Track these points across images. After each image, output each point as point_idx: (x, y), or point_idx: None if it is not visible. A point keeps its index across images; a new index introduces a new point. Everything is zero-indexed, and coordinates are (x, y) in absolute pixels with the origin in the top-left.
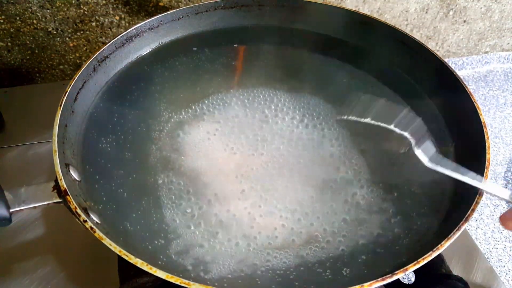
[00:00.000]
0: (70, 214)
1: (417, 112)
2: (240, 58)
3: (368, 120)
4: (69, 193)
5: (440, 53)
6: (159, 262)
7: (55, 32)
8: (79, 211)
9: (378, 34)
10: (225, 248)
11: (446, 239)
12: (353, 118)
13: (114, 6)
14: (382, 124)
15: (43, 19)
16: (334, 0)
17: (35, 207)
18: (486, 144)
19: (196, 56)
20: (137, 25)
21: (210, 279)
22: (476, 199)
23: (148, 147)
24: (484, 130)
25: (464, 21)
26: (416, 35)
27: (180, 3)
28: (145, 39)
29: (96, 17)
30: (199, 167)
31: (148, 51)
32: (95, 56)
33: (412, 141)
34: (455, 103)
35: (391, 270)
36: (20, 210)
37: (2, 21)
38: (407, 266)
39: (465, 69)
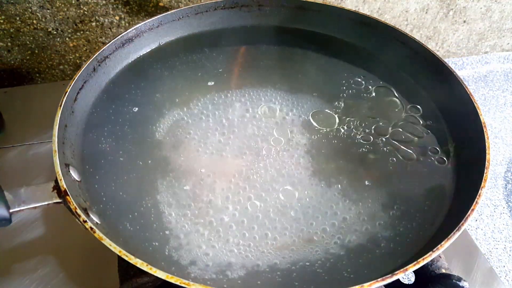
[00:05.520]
0: (70, 214)
1: (417, 112)
2: (240, 58)
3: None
4: (69, 193)
5: (440, 53)
6: (159, 262)
7: (55, 32)
8: (79, 211)
9: (378, 34)
10: (225, 248)
11: (446, 239)
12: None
13: (114, 6)
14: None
15: (43, 19)
16: (334, 0)
17: (35, 207)
18: (486, 144)
19: (196, 56)
20: (137, 25)
21: (210, 279)
22: (476, 199)
23: (148, 147)
24: (484, 130)
25: (464, 21)
26: (416, 35)
27: (180, 3)
28: (145, 39)
29: (96, 17)
30: (199, 167)
31: (148, 51)
32: (95, 56)
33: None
34: (455, 103)
35: (391, 270)
36: (20, 210)
37: (2, 21)
38: (407, 266)
39: (465, 69)
